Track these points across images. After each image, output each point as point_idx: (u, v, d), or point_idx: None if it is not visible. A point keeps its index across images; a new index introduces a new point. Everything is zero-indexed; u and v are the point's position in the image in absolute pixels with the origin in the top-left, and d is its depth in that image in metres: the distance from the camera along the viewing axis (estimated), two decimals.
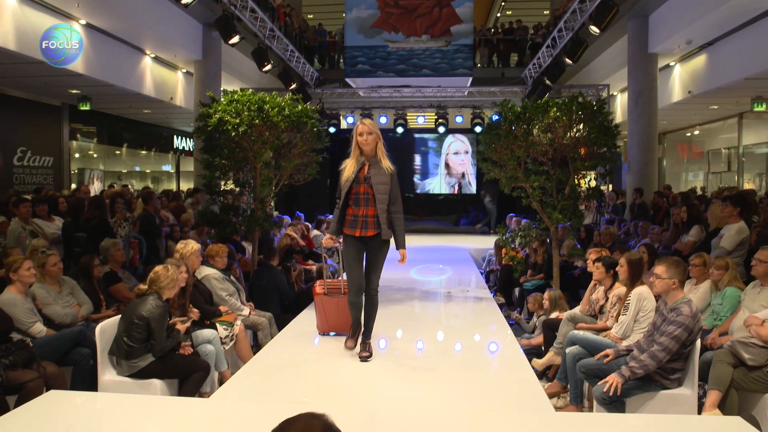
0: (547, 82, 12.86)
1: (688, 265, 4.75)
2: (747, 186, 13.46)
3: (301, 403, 3.53)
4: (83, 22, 9.54)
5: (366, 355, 4.40)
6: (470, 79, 14.32)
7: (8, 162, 11.46)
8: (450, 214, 17.89)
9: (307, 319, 5.72)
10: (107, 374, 3.95)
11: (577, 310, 5.13)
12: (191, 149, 17.80)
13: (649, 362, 3.61)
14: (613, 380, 3.62)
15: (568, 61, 11.51)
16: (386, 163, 4.33)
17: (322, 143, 7.46)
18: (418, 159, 18.43)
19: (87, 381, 4.06)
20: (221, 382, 4.26)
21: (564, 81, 15.09)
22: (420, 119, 16.21)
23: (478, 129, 15.16)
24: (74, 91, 11.66)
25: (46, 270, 4.68)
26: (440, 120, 15.52)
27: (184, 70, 13.32)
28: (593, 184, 11.29)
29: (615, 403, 3.64)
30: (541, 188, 6.71)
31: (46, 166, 12.46)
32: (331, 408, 1.43)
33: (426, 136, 17.96)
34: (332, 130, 14.85)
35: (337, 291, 5.02)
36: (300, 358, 4.51)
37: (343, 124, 16.04)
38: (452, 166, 18.05)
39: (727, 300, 4.52)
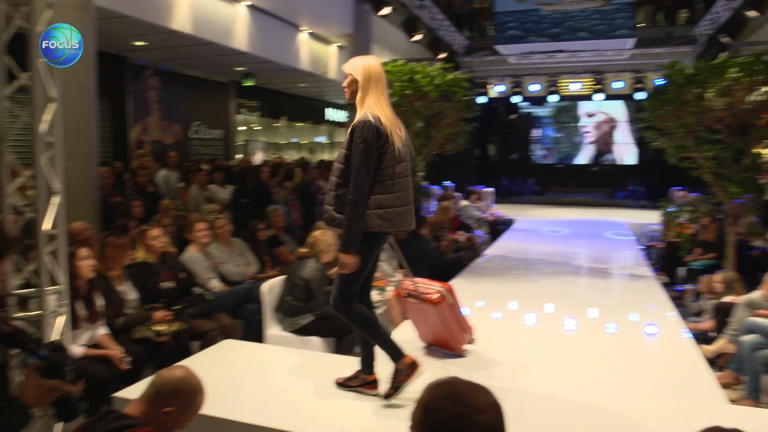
0: (724, 39, 11.47)
1: None
2: None
3: (451, 364, 3.57)
4: (248, 3, 10.20)
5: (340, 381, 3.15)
6: (632, 40, 13.22)
7: (185, 135, 12.72)
8: (606, 186, 16.88)
9: (457, 288, 5.72)
10: (272, 329, 4.29)
11: (756, 294, 4.60)
12: (343, 121, 18.50)
13: None
14: None
15: (751, 13, 10.16)
16: (358, 116, 2.87)
17: (473, 112, 7.35)
18: (568, 128, 17.61)
19: (255, 333, 4.44)
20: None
21: (744, 38, 13.37)
22: (574, 86, 15.33)
23: (639, 95, 14.02)
24: (239, 69, 12.57)
25: (215, 232, 5.16)
26: (597, 86, 14.57)
27: (337, 44, 13.77)
28: None
29: None
30: (714, 159, 6.07)
31: (216, 138, 13.67)
32: (480, 376, 1.40)
33: (580, 103, 17.11)
34: (483, 99, 14.55)
35: (414, 294, 3.67)
36: None
37: (492, 93, 15.67)
38: (595, 135, 17.21)
39: None
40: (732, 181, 5.93)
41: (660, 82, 11.83)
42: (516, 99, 15.38)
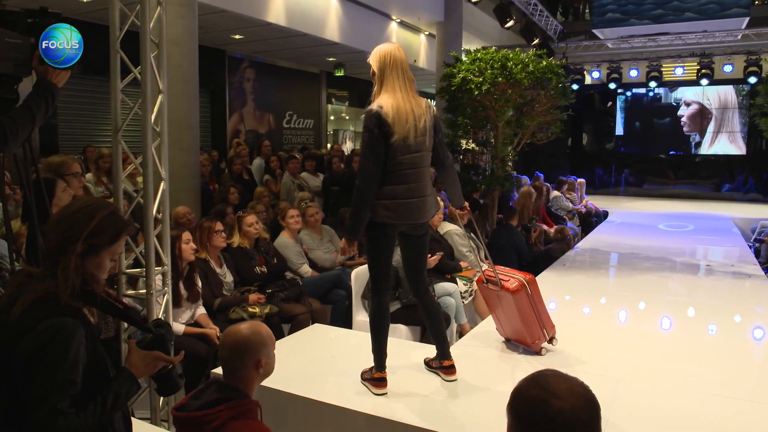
0: None
1: None
2: None
3: (528, 361, 3.49)
4: None
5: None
6: (746, 19, 12.22)
7: (279, 124, 13.17)
8: (710, 178, 15.80)
9: (545, 281, 5.58)
10: (360, 315, 4.37)
11: None
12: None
13: None
14: None
15: None
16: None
17: (568, 100, 7.08)
18: (671, 116, 16.58)
19: (344, 319, 4.55)
20: (461, 335, 4.42)
21: None
22: (678, 70, 14.40)
23: (752, 79, 12.97)
24: (331, 59, 12.82)
25: (306, 219, 5.30)
26: (703, 70, 13.59)
27: (427, 33, 13.70)
28: None
29: None
30: None
31: (308, 127, 14.05)
32: (571, 370, 1.35)
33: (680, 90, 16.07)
34: (575, 87, 14.02)
35: (493, 280, 3.55)
36: None
37: (588, 80, 15.03)
38: (686, 121, 16.16)
39: None
40: None
41: None
42: (612, 85, 14.70)
